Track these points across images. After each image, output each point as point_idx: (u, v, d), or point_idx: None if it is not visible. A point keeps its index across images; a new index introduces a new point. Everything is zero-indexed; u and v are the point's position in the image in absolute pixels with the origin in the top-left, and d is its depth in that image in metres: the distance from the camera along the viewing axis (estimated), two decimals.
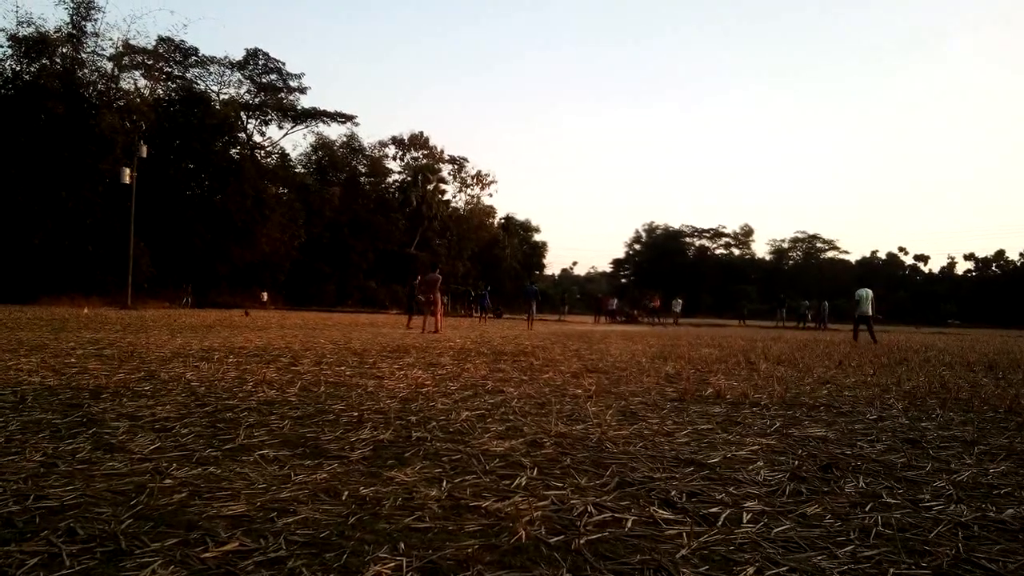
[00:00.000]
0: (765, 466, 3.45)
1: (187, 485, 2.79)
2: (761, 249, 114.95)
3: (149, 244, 39.10)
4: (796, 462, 3.55)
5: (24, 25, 37.94)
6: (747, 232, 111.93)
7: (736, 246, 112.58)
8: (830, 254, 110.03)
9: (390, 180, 69.61)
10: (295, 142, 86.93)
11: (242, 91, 55.42)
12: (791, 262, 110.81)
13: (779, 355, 11.98)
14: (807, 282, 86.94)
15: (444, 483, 2.94)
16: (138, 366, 7.16)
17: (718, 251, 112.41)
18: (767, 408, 5.44)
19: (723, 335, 23.38)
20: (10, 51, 37.83)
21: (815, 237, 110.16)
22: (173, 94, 48.11)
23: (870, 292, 19.62)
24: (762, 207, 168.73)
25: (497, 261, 77.50)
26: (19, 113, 35.28)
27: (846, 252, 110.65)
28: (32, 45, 37.73)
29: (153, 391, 5.38)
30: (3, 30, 38.22)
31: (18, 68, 38.04)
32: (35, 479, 2.83)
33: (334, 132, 64.18)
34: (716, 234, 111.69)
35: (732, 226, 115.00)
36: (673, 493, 2.88)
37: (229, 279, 46.03)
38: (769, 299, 68.82)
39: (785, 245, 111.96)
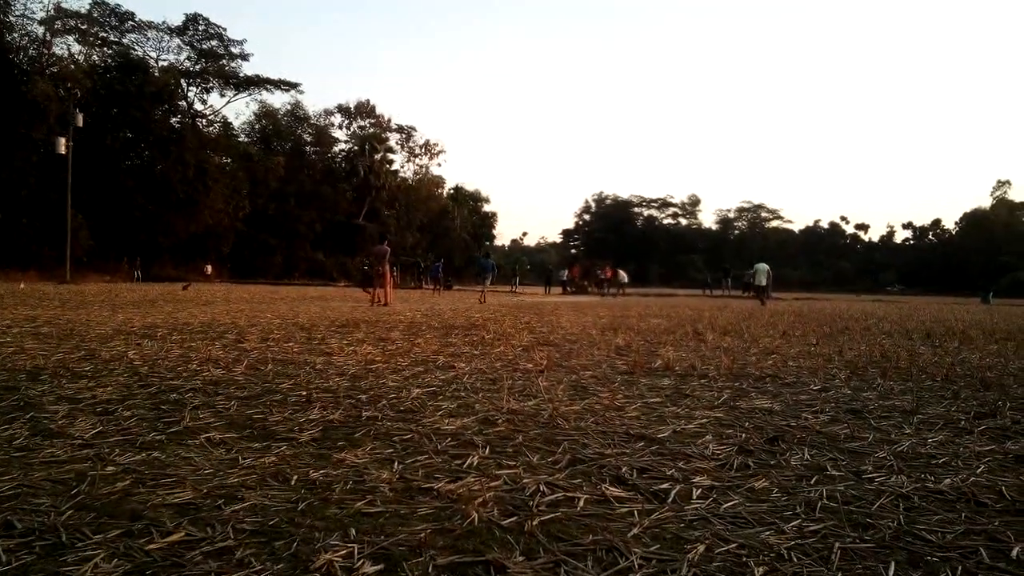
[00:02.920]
0: (714, 440, 3.50)
1: (130, 472, 2.72)
2: (708, 219, 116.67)
3: (88, 216, 37.93)
4: (743, 435, 3.61)
5: None
6: (694, 202, 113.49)
7: (683, 216, 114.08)
8: (774, 223, 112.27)
9: (336, 150, 68.57)
10: (238, 111, 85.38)
11: (182, 58, 53.84)
12: (737, 232, 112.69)
13: (725, 325, 12.18)
14: (752, 251, 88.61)
15: (395, 464, 2.92)
16: (78, 345, 6.96)
17: (666, 221, 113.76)
18: (715, 380, 5.53)
19: (671, 305, 23.69)
20: None
21: (760, 207, 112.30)
22: (109, 60, 46.46)
23: (766, 266, 25.27)
24: (708, 177, 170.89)
25: (447, 232, 77.00)
26: None
27: (790, 221, 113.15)
28: None
29: (94, 372, 5.23)
30: None
31: None
32: None
33: (278, 100, 63.26)
34: (664, 204, 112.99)
35: (680, 196, 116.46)
36: (624, 470, 2.91)
37: (172, 252, 45.01)
38: (715, 268, 69.89)
39: (731, 215, 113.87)
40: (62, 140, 34.04)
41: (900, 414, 4.28)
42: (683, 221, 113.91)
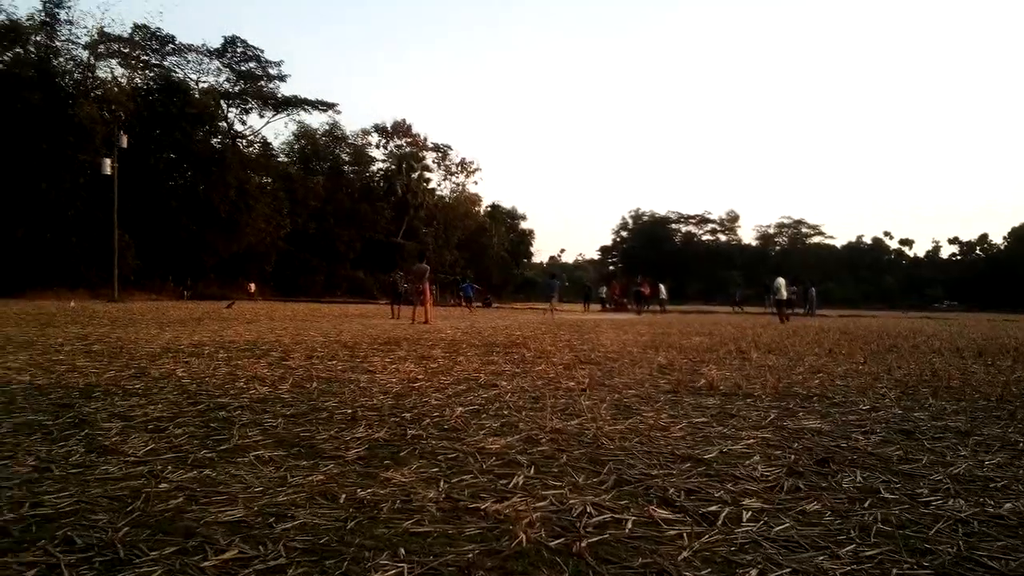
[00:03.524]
0: (762, 461, 3.45)
1: (183, 489, 2.76)
2: (747, 235, 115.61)
3: (133, 236, 38.81)
4: (793, 456, 3.56)
5: None
6: (733, 218, 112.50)
7: (722, 232, 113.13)
8: (815, 239, 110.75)
9: (374, 168, 69.40)
10: (277, 131, 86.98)
11: (221, 79, 55.03)
12: (777, 248, 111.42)
13: (769, 343, 12.02)
14: (794, 267, 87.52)
15: (441, 484, 2.93)
16: (128, 363, 7.11)
17: (704, 237, 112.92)
18: (760, 399, 5.46)
19: (712, 322, 23.46)
20: None
21: (800, 222, 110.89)
22: (151, 83, 47.64)
23: (784, 280, 25.71)
24: (747, 193, 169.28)
25: (484, 249, 77.50)
26: None
27: (832, 237, 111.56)
28: (4, 33, 37.21)
29: (144, 389, 5.33)
30: None
31: None
32: (29, 485, 2.79)
33: (316, 120, 63.77)
34: (702, 220, 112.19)
35: (718, 212, 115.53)
36: (671, 491, 2.88)
37: (216, 270, 45.81)
38: (755, 284, 69.09)
39: (771, 231, 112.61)
40: (107, 161, 34.94)
41: (954, 435, 4.17)
42: (722, 237, 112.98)
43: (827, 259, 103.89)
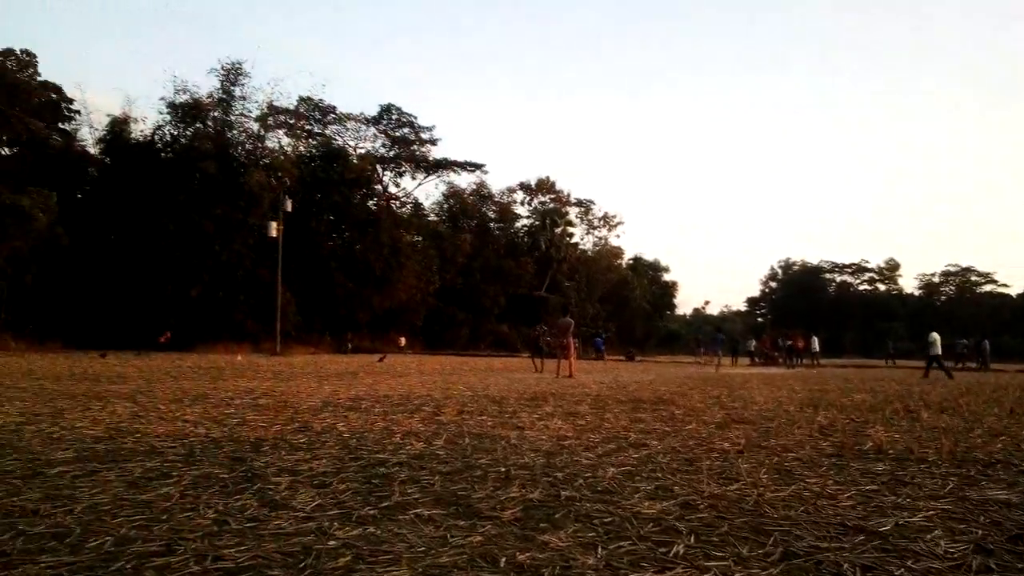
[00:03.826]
0: (944, 535, 3.19)
1: (350, 547, 2.87)
2: (909, 284, 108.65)
3: (294, 293, 41.28)
4: (979, 531, 3.27)
5: (180, 93, 41.50)
6: (893, 266, 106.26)
7: (881, 281, 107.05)
8: (987, 288, 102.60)
9: (519, 225, 70.82)
10: (427, 191, 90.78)
11: (377, 145, 58.24)
12: (943, 297, 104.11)
13: (941, 401, 11.18)
14: (963, 318, 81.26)
15: (599, 549, 2.89)
16: (292, 416, 7.51)
17: (861, 287, 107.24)
18: (936, 465, 5.07)
19: (873, 378, 22.10)
20: (169, 117, 41.46)
21: (969, 270, 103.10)
22: (314, 150, 51.01)
23: (938, 335, 23.94)
24: (908, 239, 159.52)
25: (626, 302, 77.02)
26: (177, 173, 38.39)
27: (1005, 285, 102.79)
28: (188, 111, 41.14)
29: (308, 443, 5.61)
30: (163, 99, 41.91)
31: (176, 132, 41.60)
32: (210, 538, 2.98)
33: (464, 180, 66.24)
34: (859, 269, 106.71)
35: (876, 260, 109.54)
36: (845, 567, 2.71)
37: (369, 325, 47.82)
38: (919, 337, 64.68)
39: (935, 279, 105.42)
40: (274, 224, 37.61)
41: None
42: (881, 286, 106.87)
43: (1000, 309, 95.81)
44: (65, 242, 32.60)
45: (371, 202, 52.37)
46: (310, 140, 52.54)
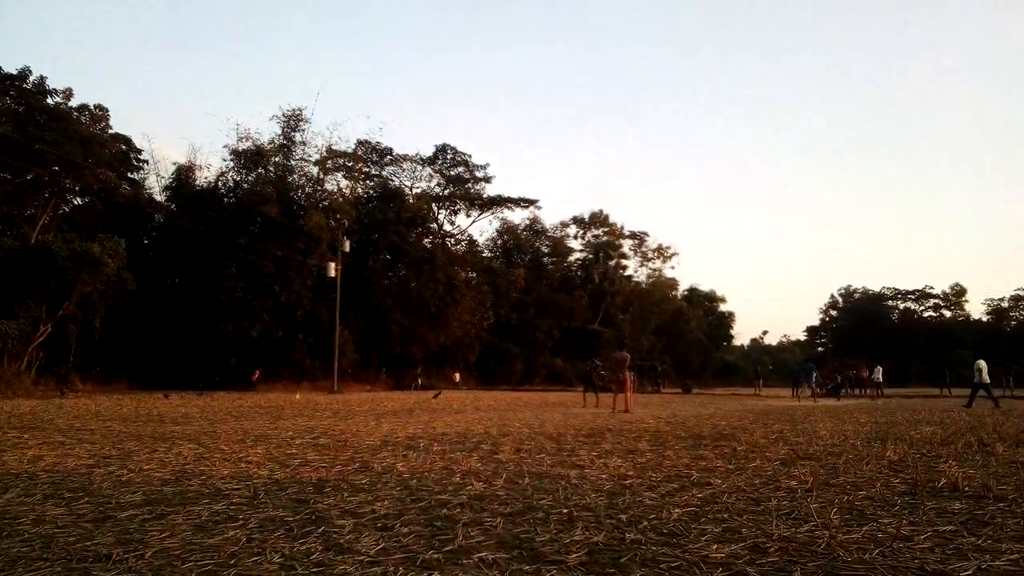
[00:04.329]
0: None
1: None
2: (977, 310, 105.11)
3: (351, 331, 41.88)
4: None
5: (243, 140, 42.92)
6: (959, 292, 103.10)
7: (946, 307, 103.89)
8: None
9: (572, 259, 70.98)
10: (481, 228, 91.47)
11: (432, 184, 59.19)
12: (1013, 323, 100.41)
13: (1017, 434, 10.72)
14: None
15: None
16: (352, 456, 7.56)
17: (926, 314, 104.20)
18: (1017, 503, 4.85)
19: (941, 408, 21.33)
20: (232, 164, 42.91)
21: None
22: (371, 191, 52.11)
23: (984, 363, 23.10)
24: (975, 264, 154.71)
25: (682, 334, 76.24)
26: (239, 217, 39.57)
27: None
28: (250, 157, 42.50)
29: (370, 485, 5.63)
30: (226, 146, 43.42)
31: (238, 178, 43.02)
32: None
33: (517, 216, 66.88)
34: (923, 295, 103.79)
35: (941, 286, 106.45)
36: None
37: (424, 361, 48.17)
38: (991, 364, 62.35)
39: (1004, 304, 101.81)
40: (332, 265, 38.42)
41: None
42: (946, 313, 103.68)
43: None
44: (132, 286, 33.70)
45: (427, 240, 53.12)
46: (367, 181, 53.73)
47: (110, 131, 39.55)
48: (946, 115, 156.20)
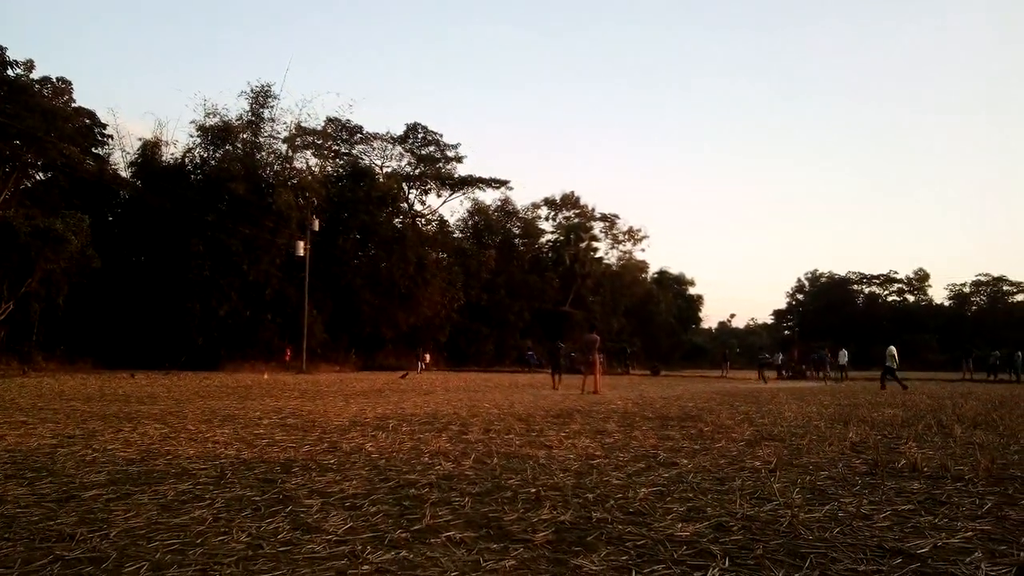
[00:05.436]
0: (984, 557, 3.14)
1: (384, 572, 2.87)
2: (939, 295, 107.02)
3: (320, 311, 41.55)
4: (1021, 552, 3.21)
5: (211, 116, 42.08)
6: (922, 277, 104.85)
7: (910, 292, 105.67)
8: (1019, 297, 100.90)
9: (543, 240, 70.80)
10: (452, 209, 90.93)
11: (403, 163, 58.52)
12: (974, 308, 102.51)
13: (974, 416, 10.99)
14: (995, 329, 79.83)
15: (633, 573, 2.87)
16: (320, 436, 7.54)
17: (890, 298, 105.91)
18: (972, 483, 4.98)
19: (903, 392, 21.76)
20: (199, 140, 42.03)
21: (1001, 279, 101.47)
22: (341, 170, 51.43)
23: (895, 348, 25.45)
24: (937, 249, 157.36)
25: (652, 316, 76.72)
26: (207, 194, 38.90)
27: None
28: (217, 134, 41.72)
29: (338, 464, 5.63)
30: (193, 122, 42.56)
31: (206, 155, 42.15)
32: (245, 563, 3.00)
33: (489, 197, 66.46)
34: (887, 280, 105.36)
35: (905, 271, 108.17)
36: None
37: (393, 342, 47.98)
38: (951, 348, 63.55)
39: (966, 289, 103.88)
40: (301, 244, 37.99)
41: None
42: (910, 298, 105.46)
43: None
44: (96, 264, 33.07)
45: (397, 220, 52.64)
46: (337, 160, 52.98)
47: (73, 104, 38.59)
48: (909, 101, 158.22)
